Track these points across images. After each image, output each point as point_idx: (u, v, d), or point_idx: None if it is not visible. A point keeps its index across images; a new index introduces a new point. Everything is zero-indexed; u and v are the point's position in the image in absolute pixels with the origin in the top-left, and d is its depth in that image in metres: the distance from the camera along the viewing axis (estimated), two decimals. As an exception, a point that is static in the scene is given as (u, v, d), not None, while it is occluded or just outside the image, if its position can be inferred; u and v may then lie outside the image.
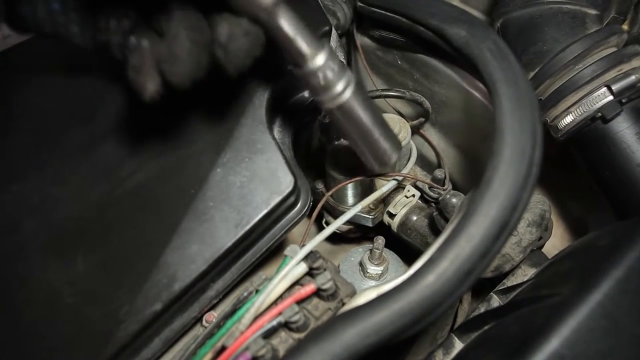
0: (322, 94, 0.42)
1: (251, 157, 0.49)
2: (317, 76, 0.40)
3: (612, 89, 0.56)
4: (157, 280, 0.45)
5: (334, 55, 0.41)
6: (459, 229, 0.35)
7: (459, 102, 0.64)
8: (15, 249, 0.47)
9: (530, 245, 0.54)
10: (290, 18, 0.38)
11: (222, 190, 0.48)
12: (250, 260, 0.50)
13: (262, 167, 0.49)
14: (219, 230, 0.46)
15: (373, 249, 0.65)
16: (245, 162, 0.49)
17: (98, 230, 0.47)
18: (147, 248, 0.46)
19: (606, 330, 0.37)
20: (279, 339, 0.42)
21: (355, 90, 0.42)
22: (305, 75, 0.41)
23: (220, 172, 0.48)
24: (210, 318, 0.52)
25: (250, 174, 0.48)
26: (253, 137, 0.50)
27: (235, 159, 0.49)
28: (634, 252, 0.40)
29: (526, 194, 0.37)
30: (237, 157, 0.49)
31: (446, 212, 0.57)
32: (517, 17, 0.61)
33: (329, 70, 0.40)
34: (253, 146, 0.49)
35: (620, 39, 0.59)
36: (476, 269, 0.35)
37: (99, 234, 0.47)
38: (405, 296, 0.34)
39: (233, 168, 0.48)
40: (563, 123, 0.59)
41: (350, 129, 0.46)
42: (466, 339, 0.48)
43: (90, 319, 0.44)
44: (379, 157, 0.50)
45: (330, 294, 0.43)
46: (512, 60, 0.42)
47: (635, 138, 0.57)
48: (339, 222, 0.47)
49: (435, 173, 0.64)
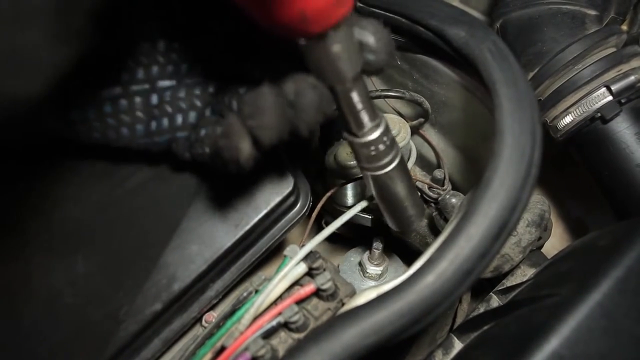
0: (368, 163, 0.43)
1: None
2: (369, 148, 0.41)
3: (612, 89, 0.56)
4: (156, 281, 0.45)
5: (387, 129, 0.42)
6: (459, 229, 0.35)
7: (458, 103, 0.64)
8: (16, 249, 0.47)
9: (529, 246, 0.54)
10: (361, 90, 0.39)
11: (222, 191, 0.48)
12: (249, 261, 0.50)
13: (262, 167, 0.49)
14: (219, 230, 0.46)
15: (373, 249, 0.65)
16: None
17: (98, 231, 0.47)
18: (146, 248, 0.46)
19: (605, 330, 0.37)
20: (279, 339, 0.42)
21: (399, 164, 0.44)
22: (358, 144, 0.41)
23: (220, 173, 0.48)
24: (209, 318, 0.52)
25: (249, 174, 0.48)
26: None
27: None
28: (633, 252, 0.40)
29: (526, 194, 0.37)
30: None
31: (446, 212, 0.57)
32: (516, 17, 0.61)
33: (382, 144, 0.41)
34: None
35: (620, 40, 0.59)
36: (475, 269, 0.35)
37: (99, 234, 0.47)
38: (405, 296, 0.34)
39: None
40: (562, 123, 0.60)
41: (384, 195, 0.47)
42: (466, 339, 0.48)
43: (91, 319, 0.44)
44: (401, 223, 0.51)
45: (329, 294, 0.43)
46: (511, 61, 0.42)
47: (634, 138, 0.57)
48: (339, 222, 0.47)
49: (435, 173, 0.64)
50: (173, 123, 0.43)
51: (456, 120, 0.67)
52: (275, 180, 0.48)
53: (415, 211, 0.50)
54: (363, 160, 0.43)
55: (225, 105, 0.42)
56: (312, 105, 0.37)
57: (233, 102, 0.42)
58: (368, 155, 0.42)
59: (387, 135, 0.42)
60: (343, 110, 0.39)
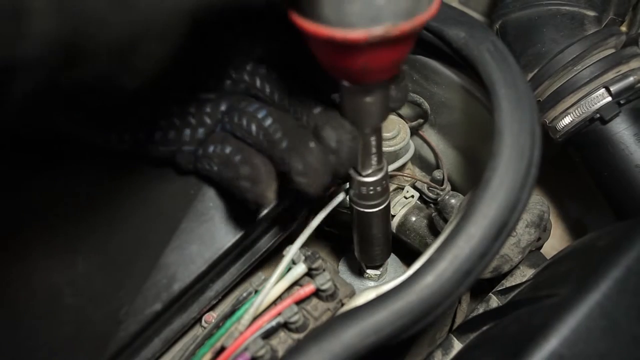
0: (359, 199, 0.46)
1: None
2: (367, 187, 0.44)
3: (611, 90, 0.57)
4: (156, 281, 0.45)
5: (387, 174, 0.45)
6: (458, 230, 0.35)
7: (458, 104, 0.64)
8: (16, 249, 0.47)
9: (529, 246, 0.55)
10: (379, 136, 0.41)
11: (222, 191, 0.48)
12: (249, 261, 0.50)
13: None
14: (219, 230, 0.46)
15: (372, 250, 0.65)
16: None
17: (98, 231, 0.47)
18: (146, 248, 0.46)
19: (605, 331, 0.37)
20: (278, 340, 0.42)
21: (385, 208, 0.47)
22: (358, 181, 0.44)
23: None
24: (209, 318, 0.52)
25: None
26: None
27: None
28: (632, 252, 0.40)
29: (525, 195, 0.37)
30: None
31: (445, 212, 0.57)
32: (516, 18, 0.61)
33: (379, 187, 0.44)
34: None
35: (619, 41, 0.59)
36: (475, 269, 0.35)
37: (99, 234, 0.47)
38: (404, 296, 0.34)
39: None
40: (562, 124, 0.60)
41: (361, 229, 0.50)
42: (465, 339, 0.48)
43: (90, 319, 0.44)
44: (367, 256, 0.55)
45: (329, 295, 0.43)
46: (511, 62, 0.42)
47: (633, 139, 0.57)
48: (323, 213, 0.47)
49: (434, 174, 0.64)
50: (180, 136, 0.43)
51: (455, 121, 0.67)
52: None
53: (381, 251, 0.54)
54: (356, 195, 0.46)
55: (244, 129, 0.41)
56: (354, 154, 0.39)
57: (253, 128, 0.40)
58: (363, 193, 0.45)
59: (385, 180, 0.45)
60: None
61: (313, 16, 0.29)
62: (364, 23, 0.28)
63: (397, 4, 0.28)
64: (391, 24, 0.29)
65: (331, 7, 0.28)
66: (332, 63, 0.34)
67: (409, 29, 0.29)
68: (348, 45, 0.30)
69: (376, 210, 0.47)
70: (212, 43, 0.41)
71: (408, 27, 0.29)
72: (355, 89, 0.36)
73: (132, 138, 0.44)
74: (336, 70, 0.35)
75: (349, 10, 0.28)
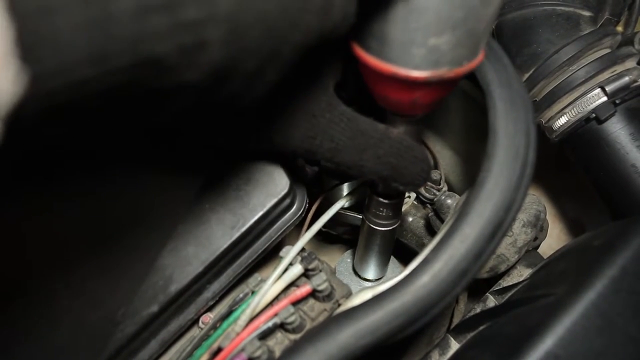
0: (373, 217, 0.50)
1: (247, 159, 0.49)
2: (386, 209, 0.49)
3: (606, 90, 0.57)
4: (153, 282, 0.45)
5: (403, 199, 0.50)
6: (453, 230, 0.35)
7: (454, 104, 0.65)
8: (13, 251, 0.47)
9: (525, 246, 0.55)
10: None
11: (218, 193, 0.48)
12: (246, 262, 0.50)
13: (258, 169, 0.49)
14: (215, 232, 0.46)
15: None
16: (240, 165, 0.49)
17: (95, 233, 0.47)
18: (143, 250, 0.46)
19: (600, 330, 0.37)
20: (275, 340, 0.42)
21: (393, 229, 0.51)
22: (379, 201, 0.48)
23: (216, 174, 0.48)
24: (206, 319, 0.52)
25: (246, 176, 0.49)
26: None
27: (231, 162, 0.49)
28: (627, 251, 0.40)
29: (520, 195, 0.37)
30: (233, 160, 0.49)
31: (441, 213, 0.57)
32: (511, 19, 0.62)
33: (396, 209, 0.49)
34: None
35: (614, 41, 0.59)
36: (471, 269, 0.35)
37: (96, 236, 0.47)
38: (401, 297, 0.34)
39: (229, 170, 0.49)
40: (557, 124, 0.60)
41: (366, 242, 0.54)
42: (462, 339, 0.48)
43: (87, 320, 0.44)
44: (364, 266, 0.60)
45: (325, 295, 0.43)
46: (505, 62, 0.42)
47: (629, 138, 0.57)
48: (325, 217, 0.47)
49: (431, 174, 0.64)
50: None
51: (452, 122, 0.67)
52: (271, 182, 0.49)
53: (379, 267, 0.59)
54: (372, 213, 0.49)
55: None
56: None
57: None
58: (380, 213, 0.49)
59: (400, 203, 0.49)
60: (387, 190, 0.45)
61: (379, 54, 0.33)
62: (425, 66, 0.32)
63: (456, 53, 0.32)
64: (447, 69, 0.32)
65: (399, 50, 0.32)
66: (385, 94, 0.37)
67: (462, 73, 0.33)
68: (407, 82, 0.33)
69: (385, 230, 0.50)
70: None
71: (461, 72, 0.33)
72: (399, 119, 0.41)
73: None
74: (387, 101, 0.38)
75: (416, 54, 0.31)
